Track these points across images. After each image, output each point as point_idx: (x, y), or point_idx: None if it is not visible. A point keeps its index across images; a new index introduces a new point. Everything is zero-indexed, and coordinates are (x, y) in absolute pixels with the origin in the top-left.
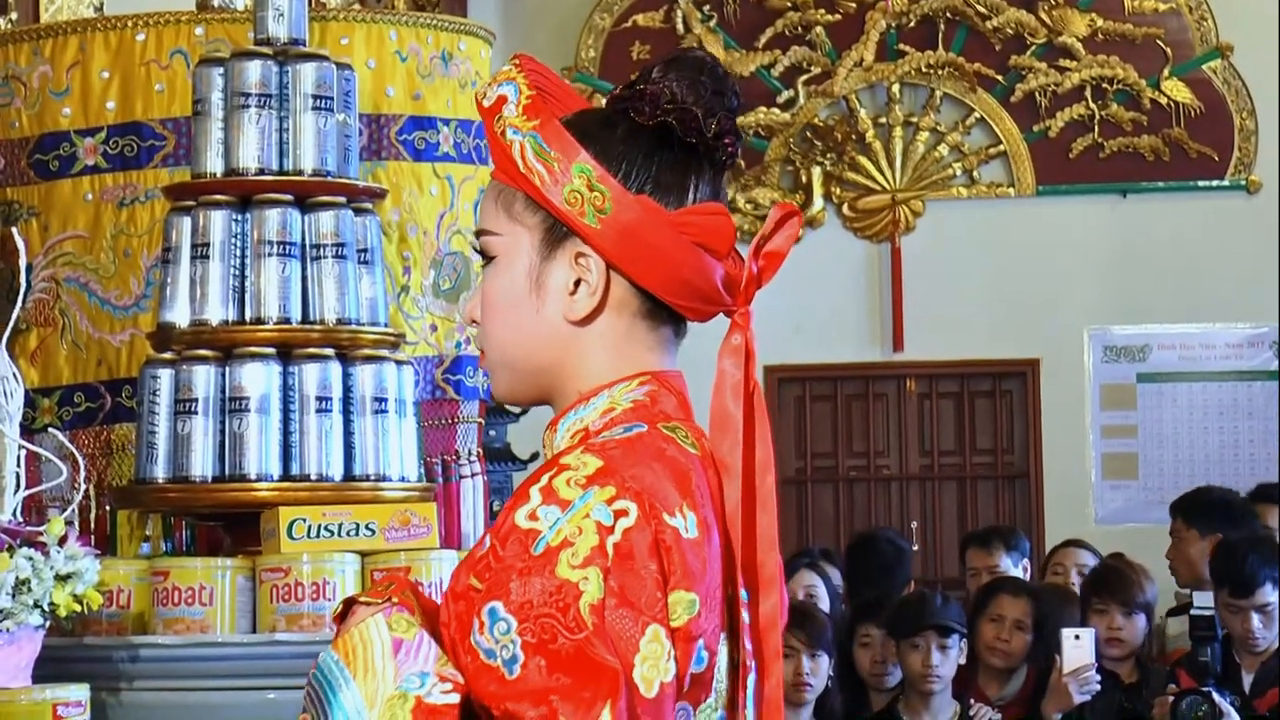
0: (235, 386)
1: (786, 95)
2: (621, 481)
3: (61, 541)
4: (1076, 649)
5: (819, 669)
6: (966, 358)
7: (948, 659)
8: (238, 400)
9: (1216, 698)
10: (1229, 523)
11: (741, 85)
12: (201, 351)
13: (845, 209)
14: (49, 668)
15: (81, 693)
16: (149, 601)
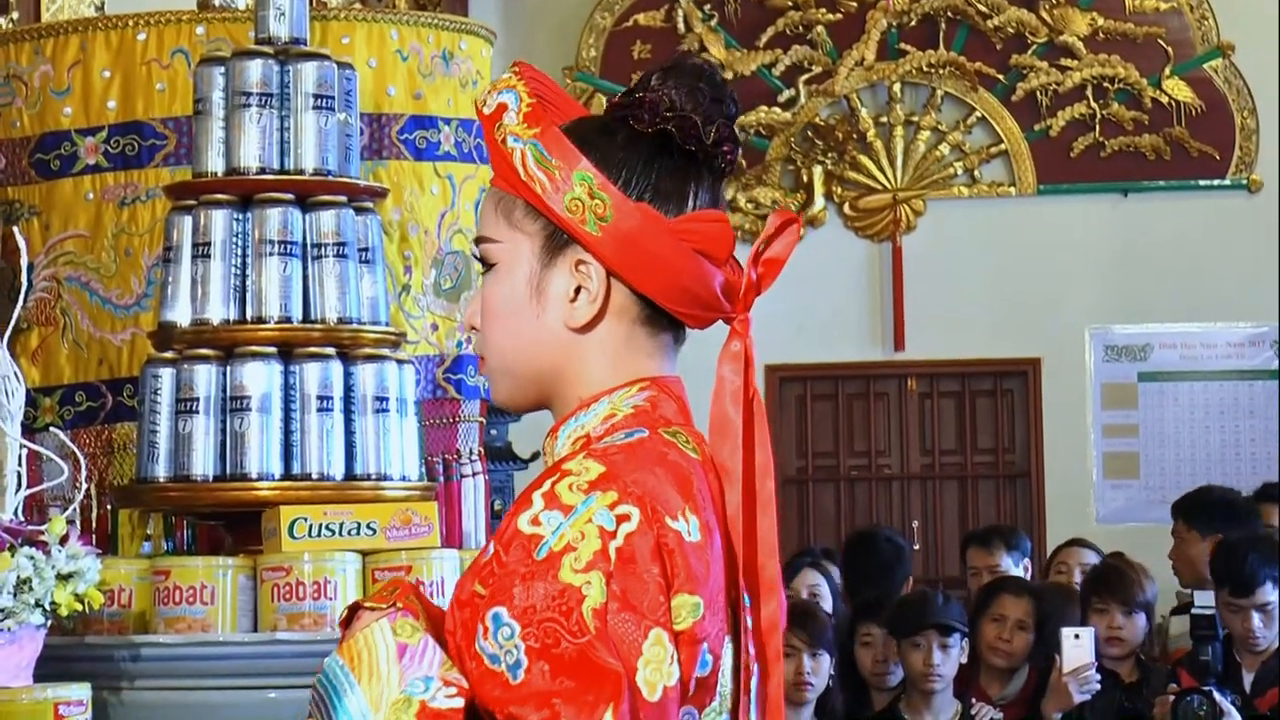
0: (236, 386)
1: (787, 94)
2: (624, 486)
3: (63, 541)
4: (1076, 648)
5: (820, 668)
6: (967, 357)
7: (949, 658)
8: (239, 399)
9: (1217, 697)
10: (1230, 523)
11: (742, 84)
12: (203, 351)
13: (846, 208)
14: (50, 667)
15: (83, 692)
16: (150, 601)
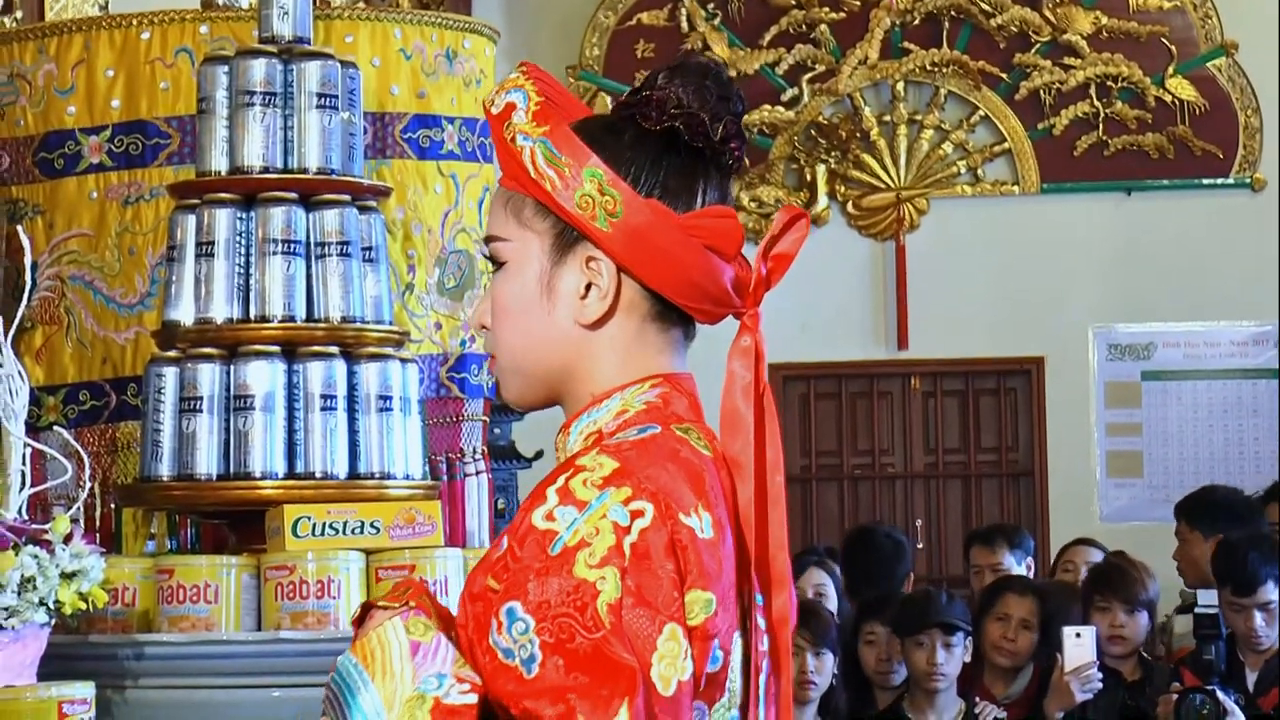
0: (240, 384)
1: (791, 93)
2: (637, 482)
3: (67, 539)
4: (1078, 647)
5: (823, 667)
6: (971, 356)
7: (952, 657)
8: (242, 398)
9: (1220, 696)
10: (1232, 522)
11: (745, 83)
12: (206, 349)
13: (849, 207)
14: (54, 665)
15: (87, 690)
16: (154, 599)
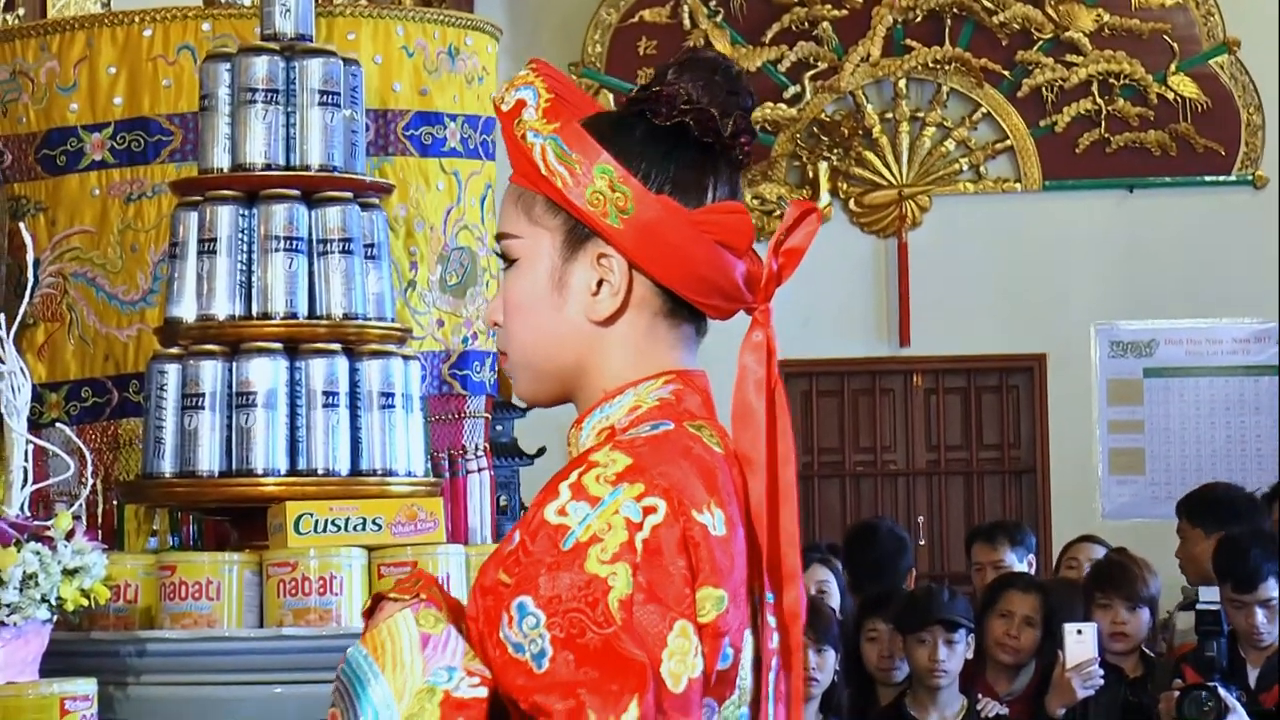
0: (242, 381)
1: (793, 90)
2: (650, 479)
3: (69, 536)
4: (1079, 644)
5: (825, 663)
6: (973, 353)
7: (954, 654)
8: (244, 395)
9: (1222, 692)
10: (1233, 519)
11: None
12: (208, 346)
13: (852, 204)
14: (56, 662)
15: (89, 687)
16: (156, 596)
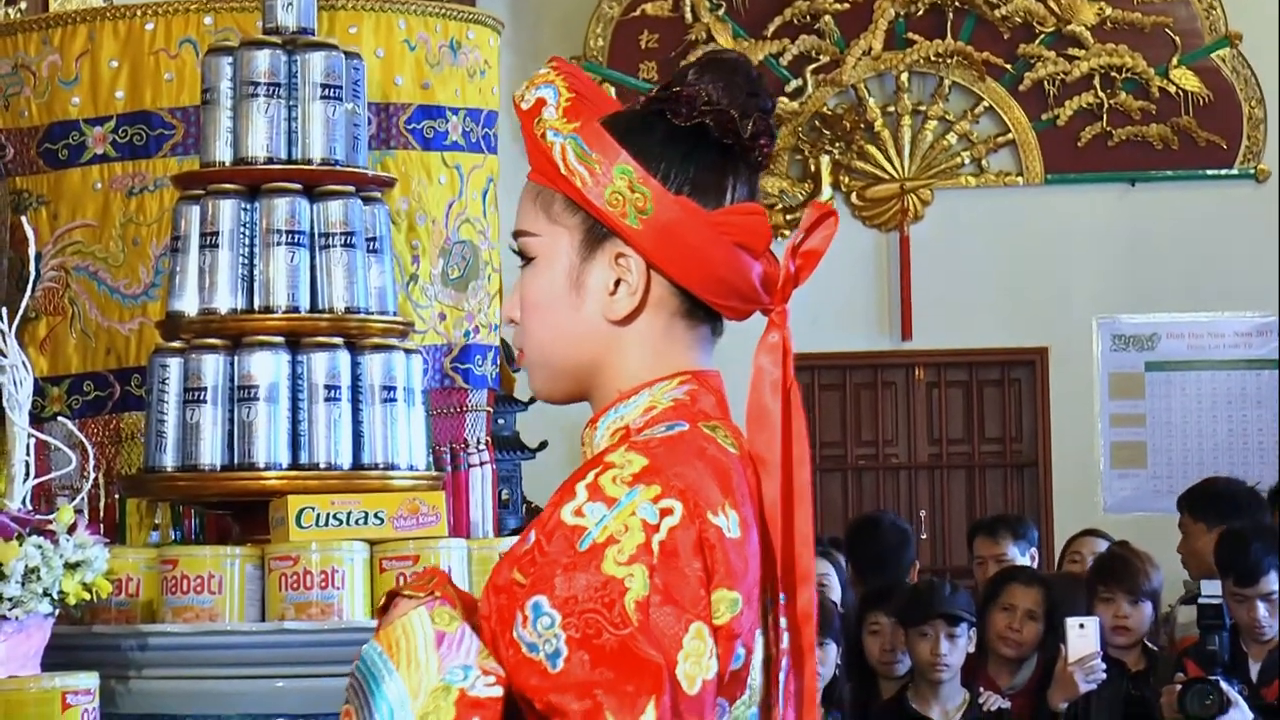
0: (244, 375)
1: (795, 84)
2: (667, 480)
3: (71, 530)
4: (1081, 638)
5: (826, 657)
6: (975, 346)
7: (956, 647)
8: (246, 389)
9: (1224, 686)
10: (1234, 513)
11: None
12: (210, 340)
13: (854, 198)
14: (58, 656)
15: (90, 681)
16: (158, 590)
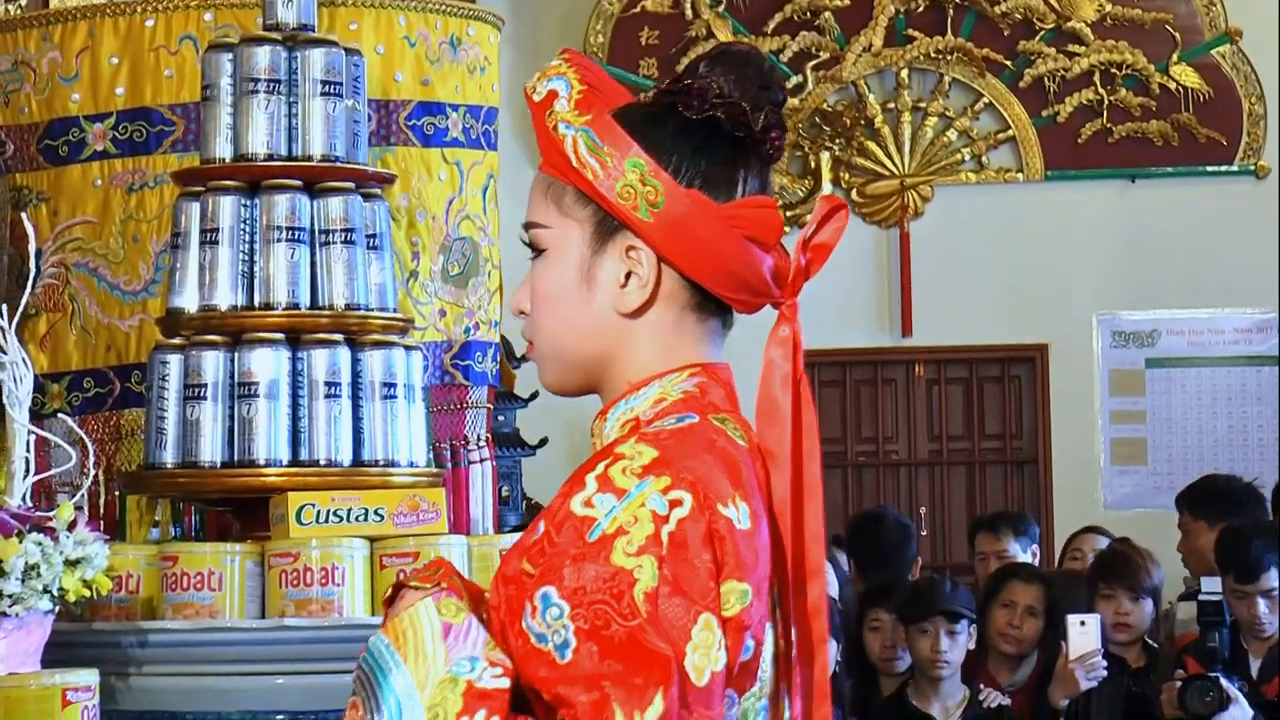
0: (244, 372)
1: (795, 80)
2: (676, 472)
3: (71, 527)
4: (1082, 635)
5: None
6: (975, 343)
7: (956, 644)
8: (246, 385)
9: (1224, 683)
10: (1235, 510)
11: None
12: (210, 337)
13: (854, 194)
14: (58, 653)
15: (91, 677)
16: (158, 586)
